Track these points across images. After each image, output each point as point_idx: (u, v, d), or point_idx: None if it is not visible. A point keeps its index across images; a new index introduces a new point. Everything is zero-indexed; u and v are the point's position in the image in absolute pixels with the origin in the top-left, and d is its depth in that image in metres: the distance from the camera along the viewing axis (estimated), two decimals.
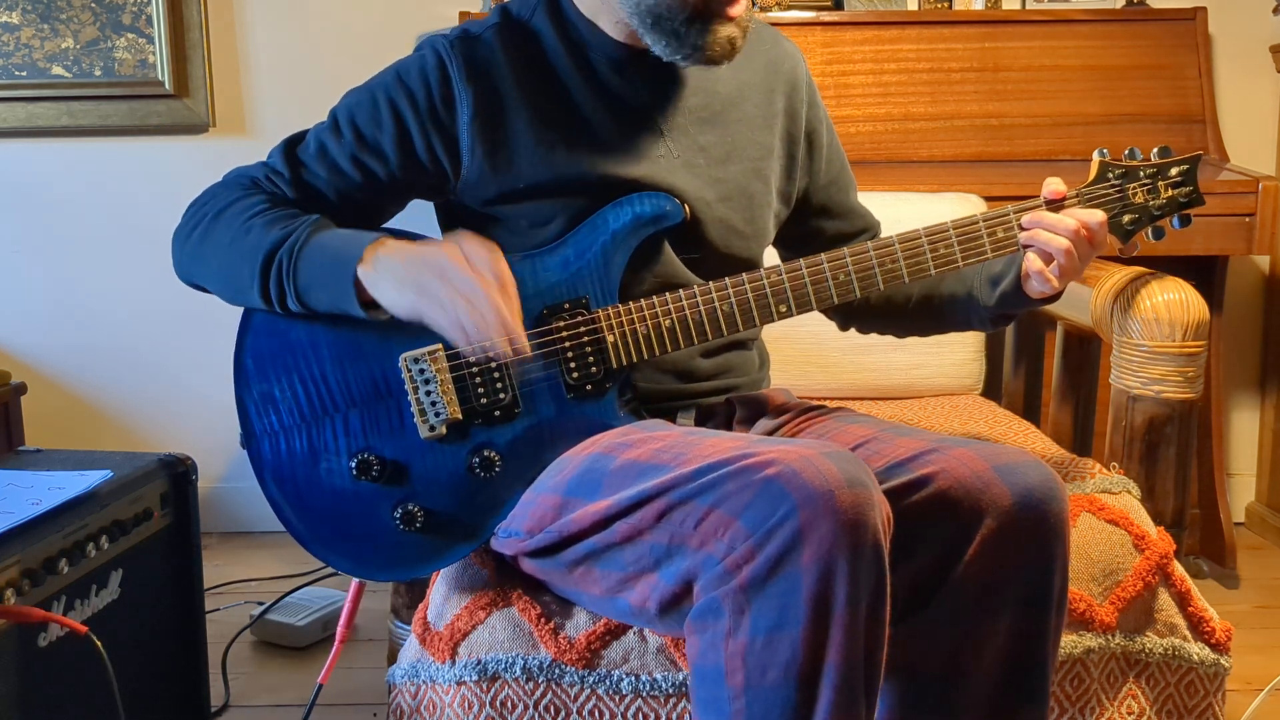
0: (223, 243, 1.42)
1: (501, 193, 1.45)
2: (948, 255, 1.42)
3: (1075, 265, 1.39)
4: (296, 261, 1.37)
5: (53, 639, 1.46)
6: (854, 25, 2.75)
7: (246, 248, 1.40)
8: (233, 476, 2.98)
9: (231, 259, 1.41)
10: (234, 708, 2.12)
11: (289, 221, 1.40)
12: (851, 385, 2.21)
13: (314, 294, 1.38)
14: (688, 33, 1.37)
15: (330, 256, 1.37)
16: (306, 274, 1.37)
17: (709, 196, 1.49)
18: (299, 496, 1.44)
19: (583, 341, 1.41)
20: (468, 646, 1.40)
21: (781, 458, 1.17)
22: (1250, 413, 3.02)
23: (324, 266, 1.36)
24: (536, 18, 1.47)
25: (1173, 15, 2.76)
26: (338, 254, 1.36)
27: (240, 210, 1.43)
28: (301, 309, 1.39)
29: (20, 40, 2.81)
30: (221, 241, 1.42)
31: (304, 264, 1.37)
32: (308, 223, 1.39)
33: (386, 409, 1.42)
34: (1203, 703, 1.54)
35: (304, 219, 1.40)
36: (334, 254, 1.37)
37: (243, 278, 1.40)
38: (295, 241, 1.37)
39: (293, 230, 1.38)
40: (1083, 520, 1.52)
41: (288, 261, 1.37)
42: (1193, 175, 1.45)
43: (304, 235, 1.38)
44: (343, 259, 1.36)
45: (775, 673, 1.14)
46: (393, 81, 1.45)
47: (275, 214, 1.41)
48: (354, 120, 1.45)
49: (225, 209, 1.44)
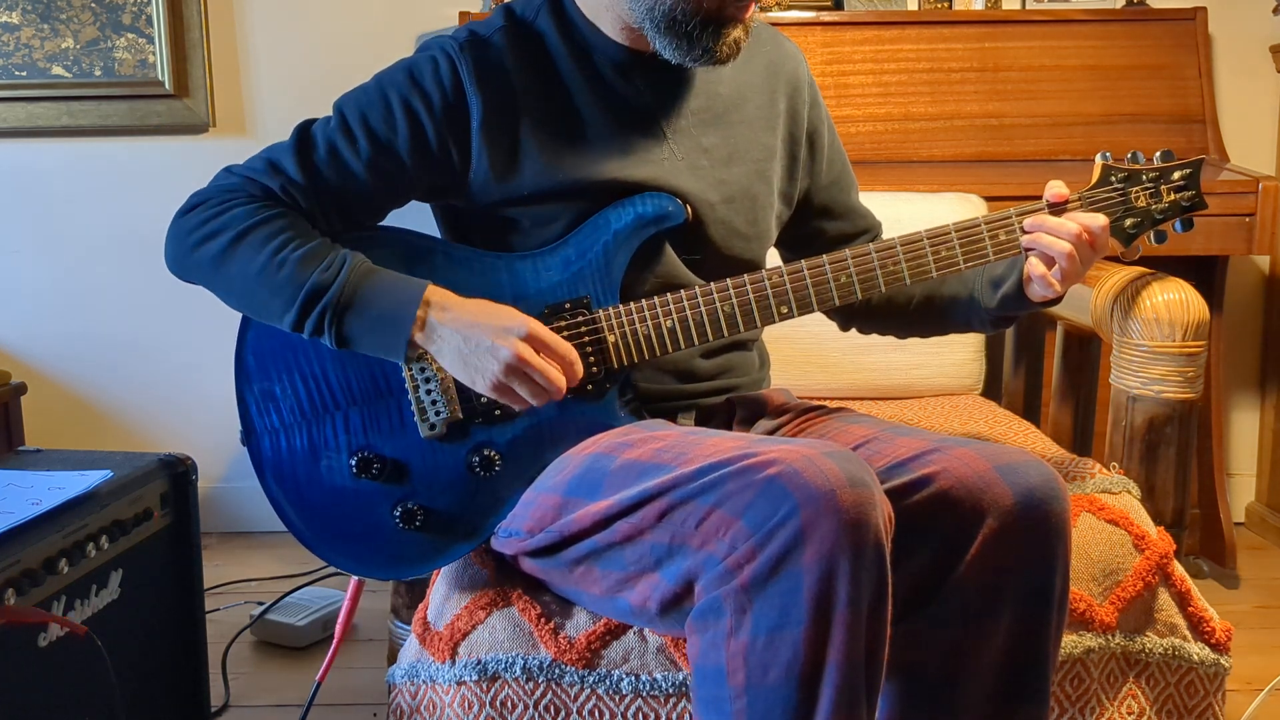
0: (249, 271, 1.38)
1: (507, 197, 1.44)
2: (949, 257, 1.42)
3: (1077, 269, 1.39)
4: (343, 314, 1.36)
5: (53, 639, 1.46)
6: (854, 25, 2.74)
7: (280, 282, 1.36)
8: (233, 476, 2.98)
9: (260, 288, 1.38)
10: (234, 708, 2.12)
11: (323, 260, 1.37)
12: (851, 385, 2.21)
13: (359, 343, 1.37)
14: (700, 36, 1.37)
15: (381, 313, 1.36)
16: (354, 327, 1.36)
17: (712, 198, 1.48)
18: (299, 494, 1.44)
19: (583, 341, 1.41)
20: (468, 646, 1.40)
21: (783, 457, 1.17)
22: (1250, 413, 3.02)
23: (375, 323, 1.36)
24: (540, 19, 1.46)
25: (1173, 15, 2.76)
26: (390, 315, 1.36)
27: (265, 236, 1.38)
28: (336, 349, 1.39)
29: (20, 40, 2.81)
30: (247, 270, 1.38)
31: (352, 318, 1.36)
32: (348, 267, 1.37)
33: (387, 407, 1.42)
34: (1203, 703, 1.54)
35: (339, 259, 1.37)
36: (386, 312, 1.36)
37: (272, 307, 1.38)
38: (340, 290, 1.35)
39: (333, 276, 1.36)
40: (1083, 520, 1.52)
41: (333, 314, 1.35)
42: (1195, 179, 1.45)
43: (347, 282, 1.36)
44: (396, 321, 1.35)
45: (777, 672, 1.14)
46: (405, 80, 1.42)
47: (306, 248, 1.37)
48: (366, 120, 1.42)
49: (247, 231, 1.39)
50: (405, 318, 1.35)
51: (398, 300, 1.36)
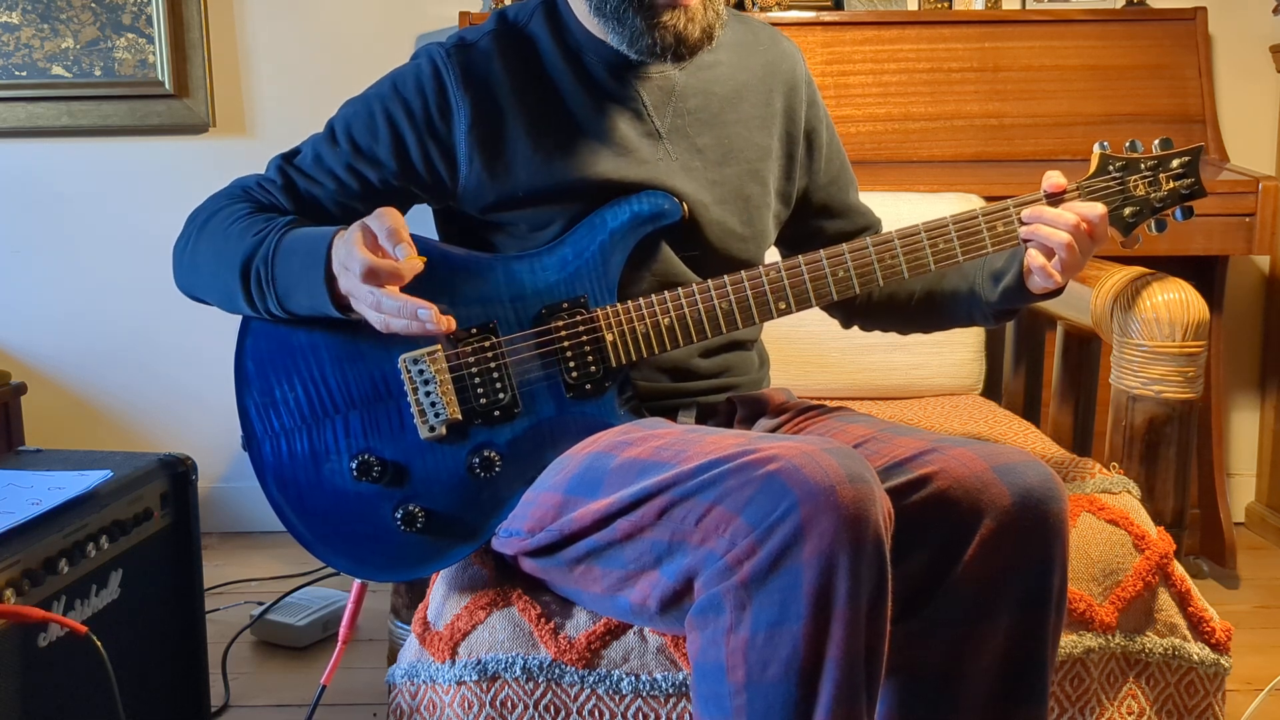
0: (209, 254, 1.42)
1: (500, 200, 1.45)
2: (947, 250, 1.42)
3: (1077, 259, 1.39)
4: (273, 266, 1.36)
5: (53, 639, 1.46)
6: (854, 25, 2.75)
7: (228, 255, 1.39)
8: (233, 476, 2.98)
9: (219, 268, 1.41)
10: (234, 708, 2.12)
11: (264, 225, 1.39)
12: (851, 385, 2.21)
13: (294, 298, 1.37)
14: (632, 20, 1.38)
15: (301, 257, 1.35)
16: (284, 278, 1.36)
17: (706, 199, 1.49)
18: (300, 498, 1.44)
19: (582, 341, 1.41)
20: (468, 646, 1.40)
21: (783, 453, 1.17)
22: (1250, 413, 3.03)
23: (297, 269, 1.35)
24: (533, 23, 1.47)
25: (1173, 15, 2.76)
26: (308, 254, 1.34)
27: (223, 219, 1.42)
28: (285, 315, 1.39)
29: (20, 40, 2.81)
30: (208, 253, 1.42)
31: (280, 268, 1.36)
32: (279, 225, 1.38)
33: (386, 410, 1.42)
34: (1203, 703, 1.54)
35: (277, 221, 1.39)
36: (304, 254, 1.35)
37: (230, 286, 1.40)
38: (269, 246, 1.36)
39: (266, 234, 1.37)
40: (1083, 520, 1.52)
41: (265, 269, 1.36)
42: (1194, 167, 1.45)
43: (276, 239, 1.36)
44: (313, 258, 1.34)
45: (776, 668, 1.14)
46: (389, 92, 1.45)
47: (253, 219, 1.40)
48: (350, 131, 1.45)
49: (210, 219, 1.44)
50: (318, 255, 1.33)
51: (314, 239, 1.35)
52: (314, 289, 1.34)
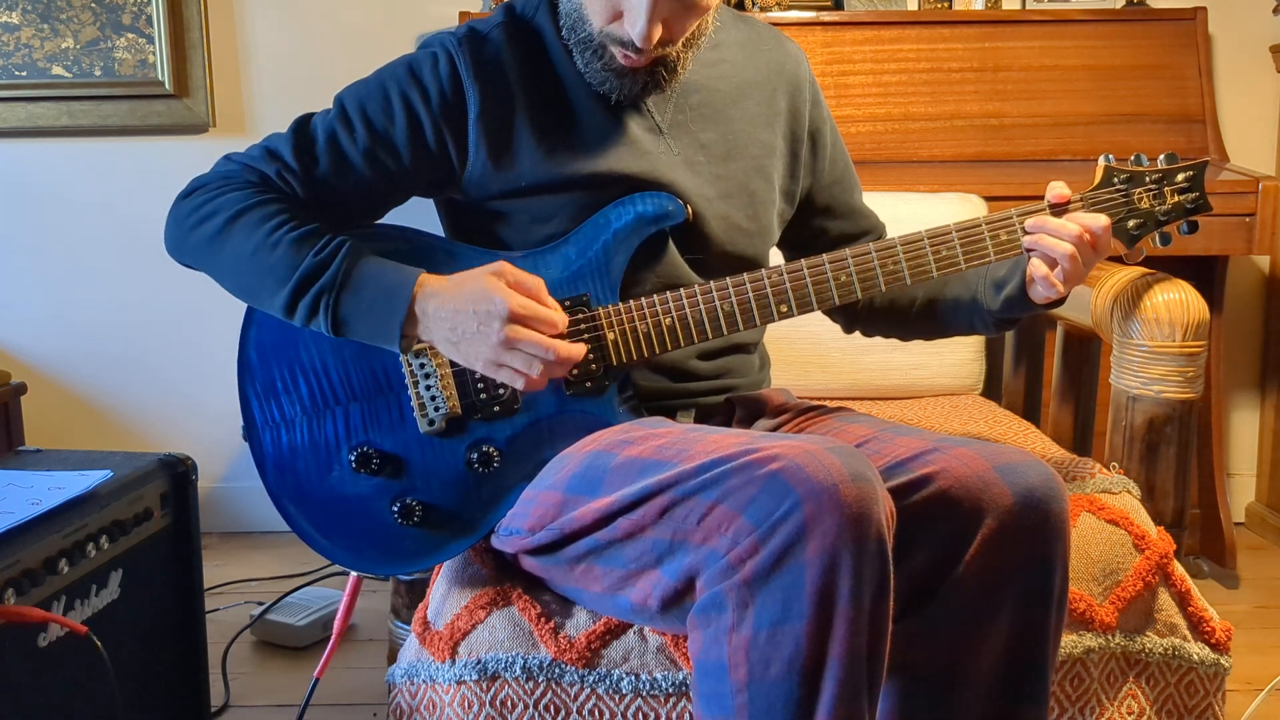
0: (243, 252, 1.39)
1: (504, 190, 1.45)
2: (950, 257, 1.42)
3: (1079, 270, 1.39)
4: (338, 293, 1.35)
5: (53, 639, 1.46)
6: (854, 25, 2.75)
7: (274, 262, 1.37)
8: (233, 476, 2.98)
9: (254, 269, 1.38)
10: (234, 708, 2.12)
11: (318, 242, 1.37)
12: (851, 385, 2.21)
13: (351, 326, 1.37)
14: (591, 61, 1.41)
15: (374, 294, 1.35)
16: (348, 307, 1.35)
17: (710, 193, 1.49)
18: (298, 489, 1.44)
19: (583, 339, 1.41)
20: (467, 646, 1.40)
21: (785, 452, 1.17)
22: (1250, 413, 3.03)
23: (366, 303, 1.35)
24: (539, 16, 1.47)
25: (1173, 15, 2.76)
26: (388, 294, 1.34)
27: (261, 218, 1.39)
28: (331, 334, 1.38)
29: (20, 40, 2.81)
30: (241, 250, 1.39)
31: (347, 298, 1.35)
32: (344, 252, 1.36)
33: (387, 403, 1.42)
34: (1203, 703, 1.54)
35: (335, 243, 1.37)
36: (380, 292, 1.35)
37: (265, 289, 1.39)
38: (336, 274, 1.35)
39: (329, 257, 1.36)
40: (1083, 520, 1.52)
41: (329, 295, 1.35)
42: (1199, 181, 1.45)
43: (343, 266, 1.35)
44: (391, 305, 1.34)
45: (778, 667, 1.14)
46: (404, 74, 1.44)
47: (301, 230, 1.38)
48: (365, 111, 1.44)
49: (243, 213, 1.40)
50: (400, 301, 1.34)
51: (393, 283, 1.35)
52: (384, 326, 1.35)
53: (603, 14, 1.37)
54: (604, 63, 1.40)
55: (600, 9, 1.37)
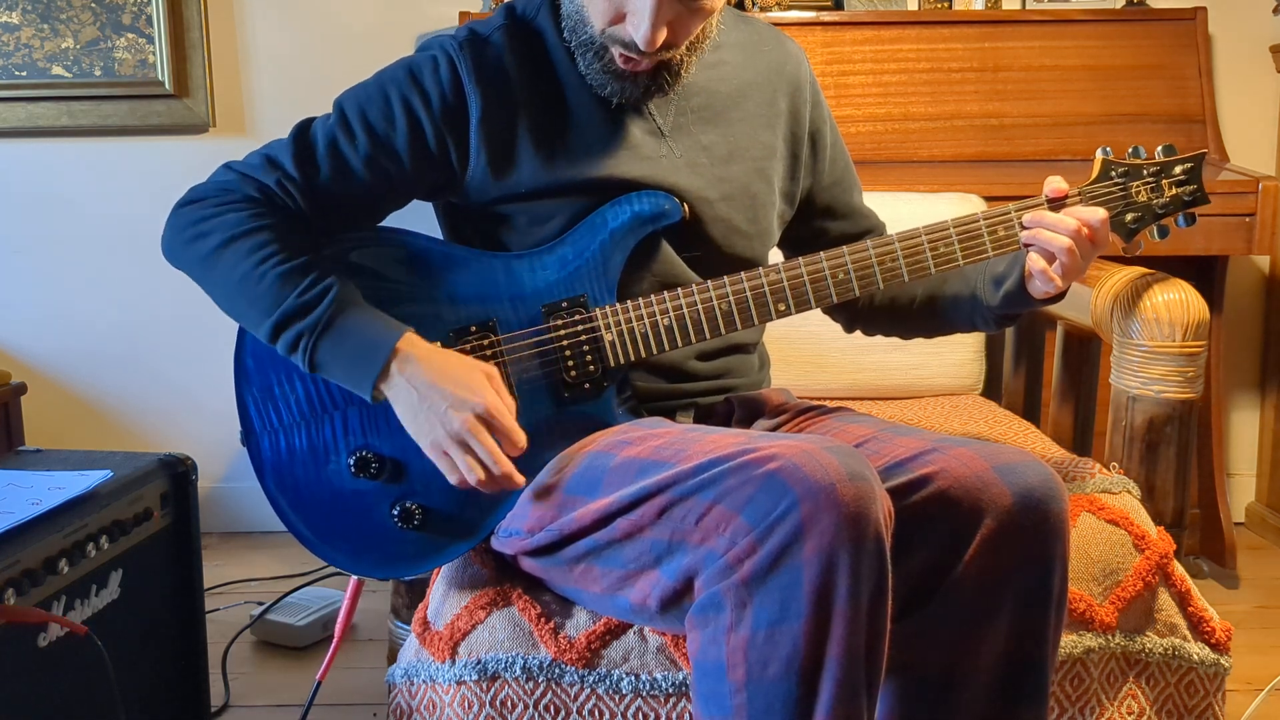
0: (231, 278, 1.39)
1: (504, 194, 1.44)
2: (948, 254, 1.42)
3: (1077, 264, 1.39)
4: (317, 340, 1.35)
5: (53, 639, 1.46)
6: (854, 25, 2.75)
7: (259, 294, 1.37)
8: (233, 476, 2.98)
9: (241, 295, 1.39)
10: (234, 708, 2.12)
11: (304, 280, 1.36)
12: (851, 385, 2.21)
13: (327, 369, 1.37)
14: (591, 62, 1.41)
15: (355, 346, 1.35)
16: (325, 352, 1.35)
17: (711, 196, 1.48)
18: (298, 493, 1.44)
19: (580, 340, 1.41)
20: (467, 646, 1.40)
21: (783, 452, 1.17)
22: (1250, 413, 3.03)
23: (346, 353, 1.35)
24: (540, 17, 1.47)
25: (1173, 15, 2.76)
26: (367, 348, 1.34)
27: (251, 247, 1.38)
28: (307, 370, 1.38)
29: (20, 40, 2.81)
30: (230, 276, 1.39)
31: (325, 344, 1.35)
32: (330, 297, 1.36)
33: (385, 407, 1.42)
34: (1203, 703, 1.54)
35: (321, 286, 1.36)
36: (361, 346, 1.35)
37: (249, 317, 1.39)
38: (319, 319, 1.35)
39: (314, 300, 1.35)
40: (1083, 520, 1.52)
41: (309, 339, 1.35)
42: (1197, 173, 1.44)
43: (327, 314, 1.35)
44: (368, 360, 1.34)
45: (777, 667, 1.14)
46: (405, 78, 1.43)
47: (289, 265, 1.37)
48: (365, 116, 1.43)
49: (234, 239, 1.39)
50: (377, 359, 1.34)
51: (374, 339, 1.35)
52: (359, 379, 1.35)
53: (605, 15, 1.37)
54: (605, 65, 1.40)
55: (602, 10, 1.36)
